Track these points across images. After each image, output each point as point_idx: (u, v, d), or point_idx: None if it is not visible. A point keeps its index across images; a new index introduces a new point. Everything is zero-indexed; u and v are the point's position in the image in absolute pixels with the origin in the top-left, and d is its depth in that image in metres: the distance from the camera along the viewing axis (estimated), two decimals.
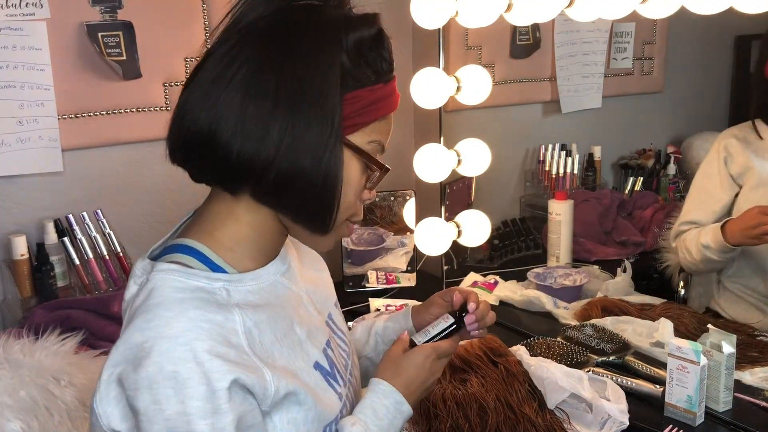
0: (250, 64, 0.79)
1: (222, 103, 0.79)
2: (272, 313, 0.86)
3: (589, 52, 2.54)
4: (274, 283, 0.89)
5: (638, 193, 2.50)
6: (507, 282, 1.95)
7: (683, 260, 1.79)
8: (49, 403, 1.16)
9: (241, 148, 0.79)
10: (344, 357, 1.00)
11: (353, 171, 0.85)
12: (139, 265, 0.86)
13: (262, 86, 0.78)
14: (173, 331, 0.75)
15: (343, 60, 0.80)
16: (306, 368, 0.88)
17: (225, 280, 0.83)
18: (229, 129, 0.78)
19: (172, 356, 0.74)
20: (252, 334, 0.81)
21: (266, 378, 0.80)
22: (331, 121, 0.79)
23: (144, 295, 0.79)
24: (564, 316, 1.74)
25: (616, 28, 2.59)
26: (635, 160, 2.68)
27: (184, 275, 0.80)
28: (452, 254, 1.97)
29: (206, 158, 0.82)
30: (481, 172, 1.88)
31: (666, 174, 2.63)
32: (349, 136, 0.83)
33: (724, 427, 1.27)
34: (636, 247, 2.20)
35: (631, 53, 2.65)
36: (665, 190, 2.59)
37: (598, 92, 2.59)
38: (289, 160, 0.79)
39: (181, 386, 0.74)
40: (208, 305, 0.79)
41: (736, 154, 1.73)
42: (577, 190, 2.42)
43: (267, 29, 0.80)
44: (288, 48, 0.79)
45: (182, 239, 0.86)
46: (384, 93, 0.85)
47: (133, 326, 0.77)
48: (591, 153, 2.57)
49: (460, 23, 1.68)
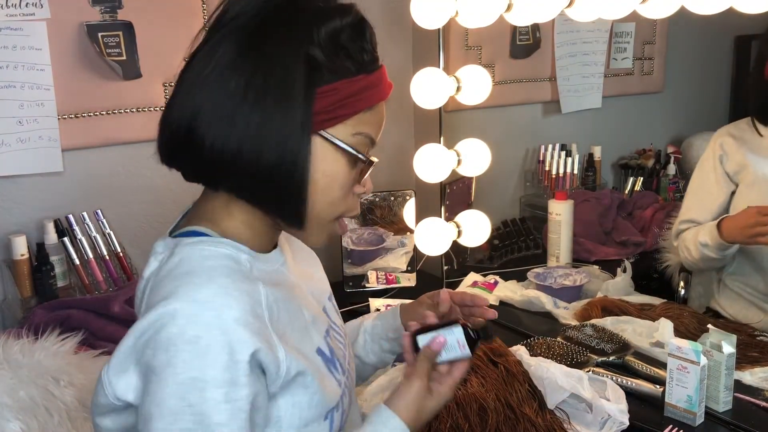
0: (224, 60, 0.80)
1: (198, 101, 0.80)
2: (286, 293, 0.87)
3: (589, 52, 2.54)
4: (278, 270, 0.91)
5: (638, 193, 2.50)
6: (507, 282, 1.95)
7: (684, 259, 1.80)
8: (49, 404, 1.16)
9: (212, 143, 0.80)
10: (341, 348, 1.00)
11: (336, 165, 0.85)
12: (161, 243, 0.87)
13: (233, 82, 0.79)
14: (202, 296, 0.75)
15: (314, 53, 0.80)
16: (311, 352, 0.89)
17: (248, 253, 0.84)
18: (203, 125, 0.80)
19: (198, 321, 0.74)
20: (272, 309, 0.82)
21: (279, 357, 0.80)
22: (296, 115, 0.79)
23: (170, 266, 0.80)
24: (564, 316, 1.74)
25: (616, 28, 2.59)
26: (635, 160, 2.68)
27: (212, 243, 0.82)
28: (452, 254, 1.97)
29: (186, 156, 0.83)
30: (481, 172, 1.88)
31: (666, 174, 2.63)
32: (329, 129, 0.83)
33: (724, 427, 1.27)
34: (636, 247, 2.20)
35: (631, 53, 2.65)
36: (665, 190, 2.59)
37: (598, 92, 2.59)
38: (254, 154, 0.79)
39: (202, 352, 0.73)
40: (235, 274, 0.80)
41: (731, 152, 1.73)
42: (577, 190, 2.42)
43: (242, 27, 0.81)
44: (258, 44, 0.80)
45: (192, 226, 0.87)
46: (367, 84, 0.84)
47: (159, 293, 0.77)
48: (591, 153, 2.57)
49: (460, 23, 1.68)
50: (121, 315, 1.54)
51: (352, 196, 0.89)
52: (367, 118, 0.86)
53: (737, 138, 1.73)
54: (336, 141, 0.83)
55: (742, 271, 1.72)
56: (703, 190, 1.78)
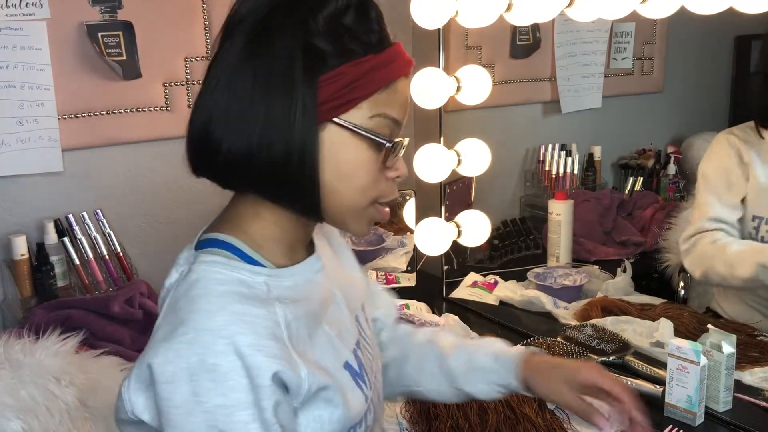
0: (232, 62, 0.80)
1: (211, 106, 0.80)
2: (307, 309, 0.85)
3: (589, 52, 2.54)
4: (308, 280, 0.88)
5: (638, 193, 2.50)
6: (507, 282, 1.95)
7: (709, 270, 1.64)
8: (50, 403, 1.16)
9: (229, 145, 0.80)
10: (371, 359, 0.98)
11: (360, 151, 0.82)
12: (184, 255, 0.86)
13: (240, 82, 0.79)
14: (215, 324, 0.75)
15: (314, 41, 0.78)
16: (336, 367, 0.87)
17: (266, 275, 0.83)
18: (217, 128, 0.80)
19: (213, 349, 0.74)
20: (291, 328, 0.81)
21: (301, 375, 0.79)
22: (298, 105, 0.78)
23: (186, 286, 0.79)
24: (564, 316, 1.74)
25: (616, 28, 2.59)
26: (635, 160, 2.68)
27: (227, 267, 0.80)
28: (452, 254, 1.96)
29: (206, 160, 0.83)
30: (481, 172, 1.88)
31: (666, 174, 2.63)
32: (343, 115, 0.81)
33: (724, 427, 1.27)
34: (636, 247, 2.20)
35: (631, 53, 2.65)
36: (665, 190, 2.59)
37: (598, 92, 2.59)
38: (265, 150, 0.79)
39: (222, 379, 0.73)
40: (248, 300, 0.79)
41: (742, 153, 1.68)
42: (577, 190, 2.42)
43: (247, 25, 0.81)
44: (260, 41, 0.80)
45: (216, 234, 0.86)
46: (376, 63, 0.82)
47: (174, 318, 0.77)
48: (591, 153, 2.57)
49: (460, 23, 1.68)
50: (121, 315, 1.54)
51: (384, 181, 0.86)
52: (385, 98, 0.83)
53: (743, 141, 1.69)
54: (351, 126, 0.81)
55: None
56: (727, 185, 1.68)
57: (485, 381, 1.05)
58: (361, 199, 0.85)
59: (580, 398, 0.97)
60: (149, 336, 0.78)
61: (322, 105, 0.79)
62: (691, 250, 1.69)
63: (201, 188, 0.92)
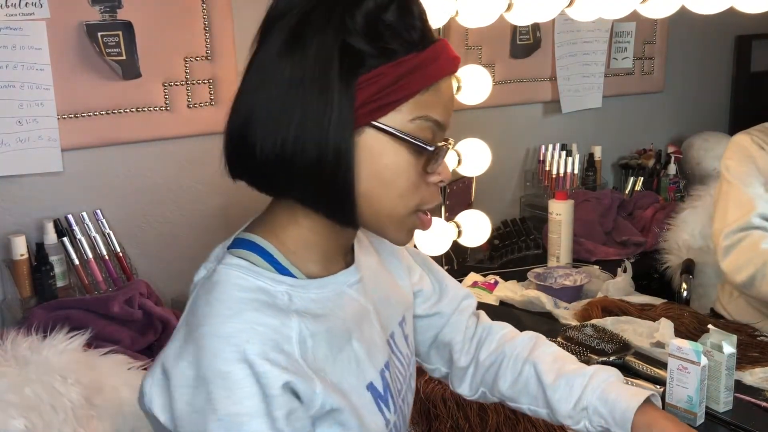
0: (269, 64, 0.78)
1: (248, 106, 0.78)
2: (331, 325, 0.82)
3: (589, 52, 2.54)
4: (339, 293, 0.85)
5: (638, 193, 2.50)
6: (507, 282, 1.95)
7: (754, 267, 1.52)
8: (55, 401, 1.16)
9: (263, 148, 0.77)
10: (400, 381, 0.95)
11: (398, 156, 0.78)
12: (216, 251, 0.86)
13: (275, 83, 0.77)
14: (227, 331, 0.74)
15: (352, 41, 0.75)
16: (358, 387, 0.84)
17: (289, 284, 0.80)
18: (253, 130, 0.77)
19: (224, 356, 0.73)
20: (305, 344, 0.79)
21: (316, 390, 0.77)
22: (334, 108, 0.75)
23: (208, 287, 0.79)
24: (564, 316, 1.74)
25: (617, 28, 2.59)
26: (635, 159, 2.69)
27: (250, 273, 0.79)
28: (452, 254, 1.96)
29: (242, 164, 0.81)
30: (481, 172, 1.88)
31: (666, 174, 2.63)
32: (381, 118, 0.77)
33: (725, 427, 1.27)
34: (636, 247, 2.20)
35: (631, 53, 2.65)
36: (666, 190, 2.59)
37: (599, 92, 2.60)
38: (299, 154, 0.76)
39: (235, 386, 0.73)
40: (266, 308, 0.77)
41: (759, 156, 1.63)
42: (577, 190, 2.42)
43: (284, 26, 0.78)
44: (297, 40, 0.77)
45: (249, 234, 0.84)
46: (419, 62, 0.78)
47: (193, 319, 0.77)
48: (591, 153, 2.57)
49: (460, 23, 1.68)
50: (121, 315, 1.54)
51: (426, 186, 0.82)
52: (427, 99, 0.79)
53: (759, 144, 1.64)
54: (391, 130, 0.77)
55: None
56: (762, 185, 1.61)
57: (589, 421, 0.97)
58: (401, 207, 0.81)
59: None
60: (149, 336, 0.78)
61: (360, 108, 0.76)
62: (737, 246, 1.56)
63: (201, 188, 0.92)
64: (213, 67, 1.83)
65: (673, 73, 2.84)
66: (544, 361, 1.03)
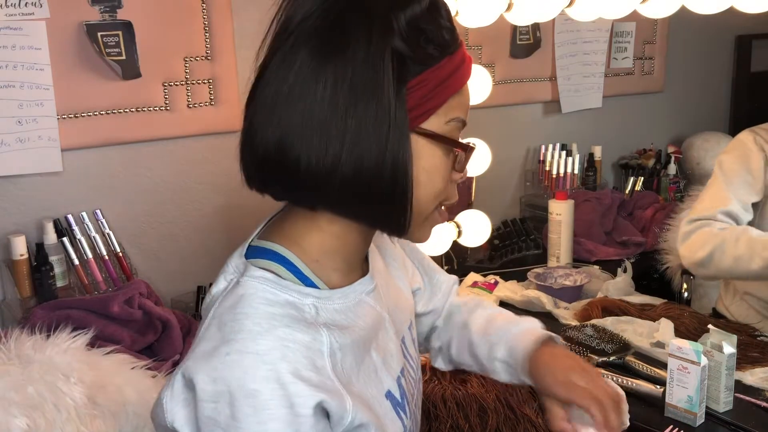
0: (304, 71, 0.74)
1: (286, 118, 0.75)
2: (355, 336, 0.82)
3: (589, 52, 2.54)
4: (359, 302, 0.84)
5: (639, 193, 2.50)
6: (507, 282, 1.95)
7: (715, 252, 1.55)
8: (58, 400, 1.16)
9: (308, 161, 0.74)
10: (413, 385, 0.95)
11: (436, 158, 0.80)
12: (233, 263, 0.82)
13: (319, 93, 0.73)
14: (259, 348, 0.72)
15: (398, 45, 0.74)
16: (378, 397, 0.84)
17: (315, 296, 0.79)
18: (295, 144, 0.74)
19: (255, 374, 0.71)
20: (336, 357, 0.78)
21: (347, 406, 0.76)
22: (390, 116, 0.74)
23: (233, 300, 0.76)
24: (564, 316, 1.74)
25: (617, 28, 2.59)
26: (635, 159, 2.69)
27: (277, 287, 0.77)
28: (452, 254, 1.96)
29: (280, 177, 0.77)
30: (481, 172, 1.88)
31: (666, 174, 2.63)
32: (423, 123, 0.78)
33: (725, 427, 1.27)
34: (636, 247, 2.20)
35: (631, 53, 2.65)
36: (666, 190, 2.59)
37: (599, 92, 2.60)
38: (351, 164, 0.74)
39: (262, 407, 0.71)
40: (297, 323, 0.76)
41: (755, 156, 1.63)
42: (577, 190, 2.42)
43: (315, 29, 0.75)
44: (337, 46, 0.74)
45: (270, 243, 0.82)
46: (452, 67, 0.78)
47: (219, 333, 0.74)
48: (591, 153, 2.57)
49: (460, 23, 1.67)
50: (121, 315, 1.53)
51: (450, 185, 0.84)
52: (456, 102, 0.80)
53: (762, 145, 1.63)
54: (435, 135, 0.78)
55: (756, 285, 1.68)
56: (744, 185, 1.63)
57: (506, 373, 1.04)
58: (432, 205, 0.82)
59: (562, 419, 0.95)
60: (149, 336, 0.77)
61: (409, 114, 0.76)
62: (695, 232, 1.62)
63: (201, 188, 0.91)
64: (213, 67, 1.83)
65: (673, 73, 2.84)
66: (476, 323, 1.08)
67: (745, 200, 1.62)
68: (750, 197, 1.63)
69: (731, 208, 1.61)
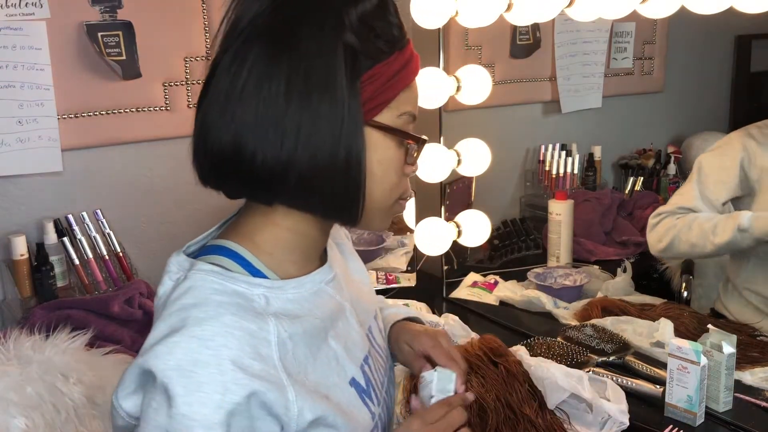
0: (258, 67, 0.75)
1: (239, 115, 0.76)
2: (309, 325, 0.82)
3: (589, 52, 2.54)
4: (317, 291, 0.85)
5: (638, 193, 2.50)
6: (507, 282, 1.95)
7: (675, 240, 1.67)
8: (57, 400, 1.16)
9: (263, 157, 0.75)
10: (381, 373, 0.95)
11: (390, 151, 0.82)
12: (174, 261, 0.82)
13: (273, 88, 0.75)
14: (204, 333, 0.73)
15: (350, 40, 0.76)
16: (341, 384, 0.84)
17: (266, 286, 0.79)
18: (251, 140, 0.75)
19: (195, 357, 0.72)
20: (285, 347, 0.78)
21: (289, 398, 0.76)
22: (344, 109, 0.75)
23: (180, 292, 0.77)
24: (564, 316, 1.74)
25: (617, 28, 2.59)
26: (635, 160, 2.68)
27: (223, 278, 0.77)
28: (452, 254, 1.96)
29: (236, 174, 0.79)
30: (481, 172, 1.88)
31: (666, 174, 2.63)
32: (376, 117, 0.80)
33: (725, 427, 1.27)
34: (636, 247, 2.20)
35: (631, 53, 2.65)
36: (665, 190, 2.59)
37: (598, 92, 2.59)
38: (306, 157, 0.75)
39: (195, 388, 0.71)
40: (244, 312, 0.76)
41: (755, 155, 1.66)
42: (577, 190, 2.42)
43: (266, 27, 0.77)
44: (290, 42, 0.75)
45: (222, 240, 0.83)
46: (402, 62, 0.81)
47: (165, 322, 0.75)
48: (591, 153, 2.57)
49: (460, 23, 1.67)
50: (121, 315, 1.54)
51: (404, 179, 0.87)
52: (406, 96, 0.83)
53: (761, 143, 1.66)
54: (388, 128, 0.81)
55: (755, 280, 1.68)
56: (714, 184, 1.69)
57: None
58: (390, 198, 0.85)
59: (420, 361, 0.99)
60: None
61: (363, 107, 0.78)
62: (657, 224, 1.74)
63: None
64: None
65: (673, 73, 2.84)
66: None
67: (715, 198, 1.69)
68: (721, 196, 1.69)
69: (692, 206, 1.70)
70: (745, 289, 1.71)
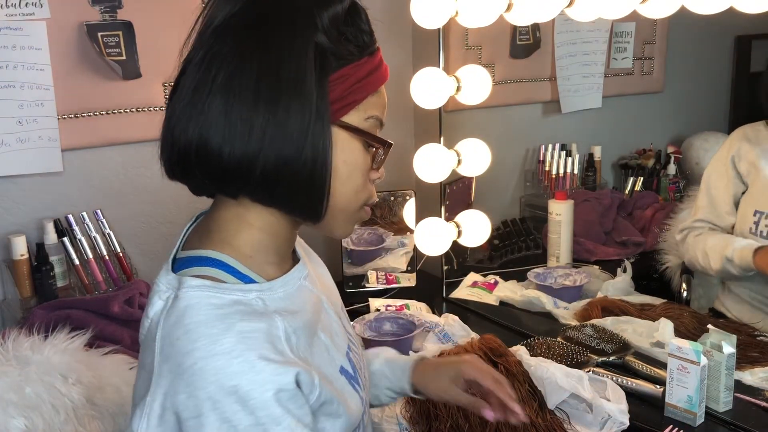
0: (228, 64, 0.76)
1: (207, 110, 0.76)
2: (305, 319, 0.84)
3: (589, 52, 2.54)
4: (300, 288, 0.87)
5: (638, 193, 2.50)
6: (507, 282, 1.95)
7: (692, 259, 1.77)
8: (56, 401, 1.16)
9: (230, 150, 0.77)
10: (359, 358, 0.98)
11: (355, 153, 0.83)
12: (163, 280, 0.81)
13: (242, 84, 0.76)
14: (224, 347, 0.73)
15: (321, 40, 0.77)
16: (334, 374, 0.87)
17: (258, 290, 0.80)
18: (218, 134, 0.76)
19: (228, 371, 0.72)
20: (291, 341, 0.80)
21: (315, 381, 0.79)
22: (312, 107, 0.77)
23: (177, 315, 0.76)
24: (564, 316, 1.74)
25: (616, 28, 2.59)
26: (635, 160, 2.68)
27: (218, 291, 0.77)
28: (452, 254, 1.96)
29: (202, 168, 0.80)
30: (481, 172, 1.88)
31: (666, 174, 2.63)
32: (343, 117, 0.81)
33: (725, 427, 1.27)
34: (636, 247, 2.20)
35: (631, 53, 2.65)
36: (665, 190, 2.59)
37: (598, 92, 2.59)
38: (273, 152, 0.76)
39: (246, 398, 0.72)
40: (250, 315, 0.77)
41: (744, 152, 1.71)
42: (577, 190, 2.42)
43: (239, 26, 0.78)
44: (261, 40, 0.77)
45: (202, 250, 0.83)
46: (371, 66, 0.83)
47: (177, 351, 0.74)
48: (591, 153, 2.57)
49: (460, 23, 1.67)
50: (121, 315, 1.54)
51: (369, 183, 0.87)
52: (374, 101, 0.84)
53: (752, 139, 1.72)
54: (355, 128, 0.82)
55: (751, 279, 1.69)
56: (716, 190, 1.77)
57: (375, 386, 1.10)
58: (355, 201, 0.86)
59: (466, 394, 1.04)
60: None
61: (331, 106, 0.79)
62: (682, 241, 1.83)
63: None
64: None
65: (672, 73, 2.84)
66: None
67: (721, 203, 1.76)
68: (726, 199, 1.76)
69: (704, 216, 1.79)
70: (744, 288, 1.71)
